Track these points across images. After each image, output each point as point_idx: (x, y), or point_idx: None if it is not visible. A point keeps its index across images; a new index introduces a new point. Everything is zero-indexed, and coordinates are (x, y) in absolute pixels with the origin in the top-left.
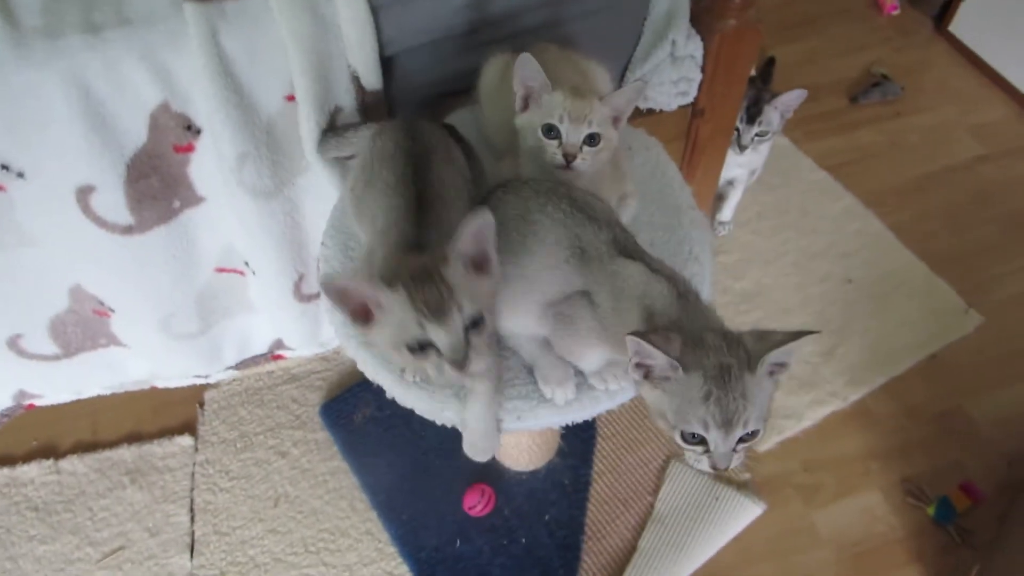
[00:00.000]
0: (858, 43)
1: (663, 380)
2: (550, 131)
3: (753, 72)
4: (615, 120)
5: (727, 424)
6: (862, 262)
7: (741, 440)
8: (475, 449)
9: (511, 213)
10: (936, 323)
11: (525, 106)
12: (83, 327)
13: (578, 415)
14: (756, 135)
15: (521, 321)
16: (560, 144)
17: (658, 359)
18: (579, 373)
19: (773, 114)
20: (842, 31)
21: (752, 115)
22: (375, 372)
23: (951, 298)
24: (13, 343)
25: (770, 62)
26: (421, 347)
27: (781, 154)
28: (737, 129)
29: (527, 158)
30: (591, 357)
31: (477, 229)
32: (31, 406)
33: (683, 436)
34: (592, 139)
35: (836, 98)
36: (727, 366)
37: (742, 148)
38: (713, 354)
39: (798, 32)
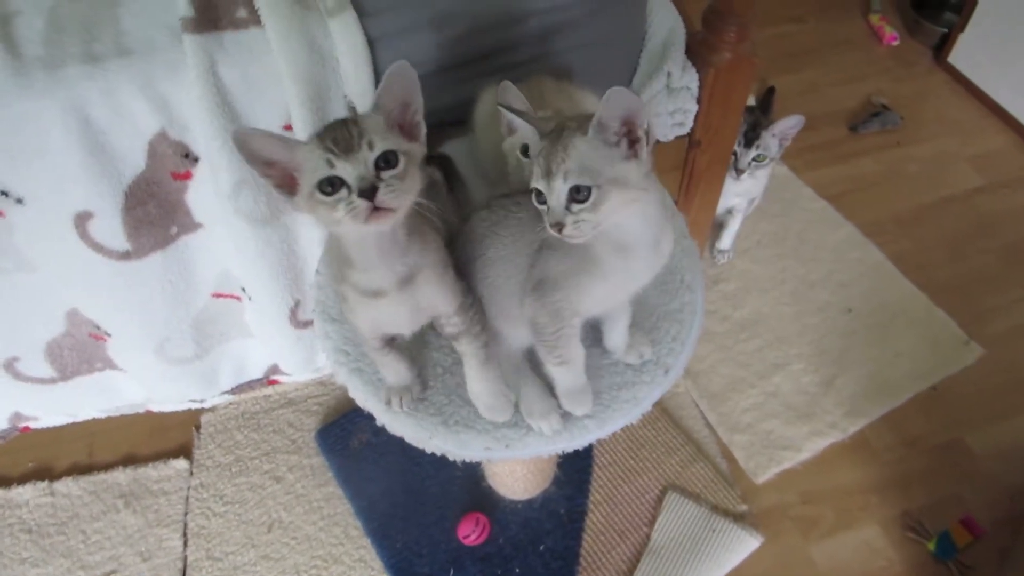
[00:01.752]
0: (858, 73)
1: None
2: (528, 151)
3: (753, 101)
4: None
5: (548, 174)
6: (861, 292)
7: (575, 200)
8: (492, 411)
9: (467, 251)
10: (936, 354)
11: (511, 132)
12: (79, 351)
13: (567, 445)
14: (753, 160)
15: (516, 331)
16: None
17: (519, 106)
18: None
19: (771, 140)
20: (842, 61)
21: (750, 139)
22: (365, 399)
23: (951, 329)
24: (9, 366)
25: (770, 91)
26: (332, 187)
27: (781, 183)
28: (734, 153)
29: (514, 180)
30: (579, 326)
31: (393, 78)
32: (26, 429)
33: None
34: None
35: (836, 128)
36: (561, 127)
37: (739, 172)
38: (558, 127)
39: (798, 62)
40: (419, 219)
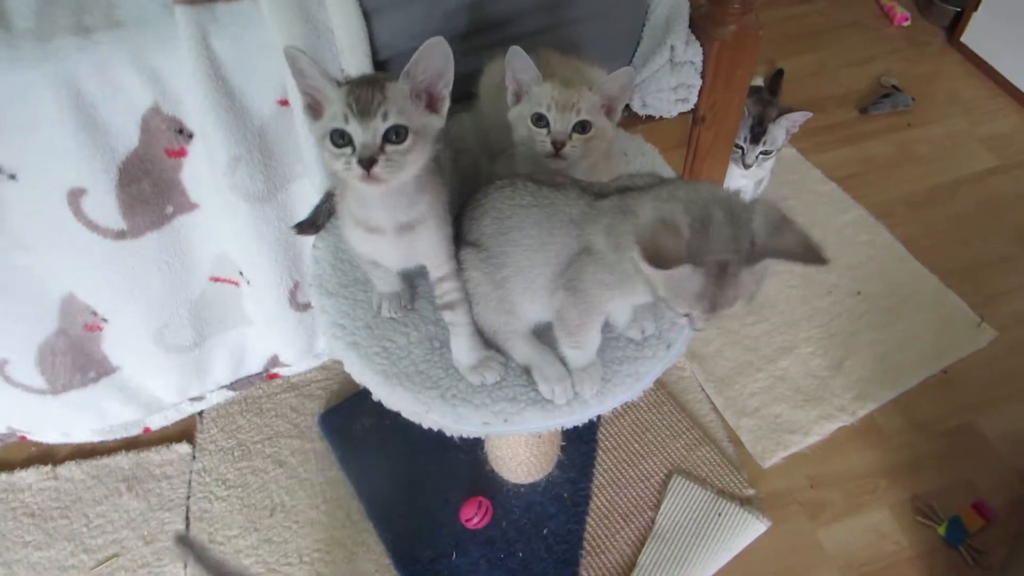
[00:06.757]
0: (868, 54)
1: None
2: (539, 120)
3: (761, 83)
4: (608, 110)
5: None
6: (871, 274)
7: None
8: (482, 371)
9: (487, 227)
10: (947, 337)
11: (517, 100)
12: (72, 354)
13: (567, 419)
14: (760, 154)
15: (536, 308)
16: (549, 132)
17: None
18: None
19: (778, 132)
20: (852, 42)
21: (756, 135)
22: (361, 373)
23: (963, 311)
24: (0, 368)
25: (779, 74)
26: (342, 139)
27: (789, 165)
28: (741, 148)
29: (519, 151)
30: (603, 320)
31: (428, 51)
32: (24, 438)
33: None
34: (582, 127)
35: (845, 109)
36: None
37: (747, 167)
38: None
39: (807, 43)
40: (432, 174)
